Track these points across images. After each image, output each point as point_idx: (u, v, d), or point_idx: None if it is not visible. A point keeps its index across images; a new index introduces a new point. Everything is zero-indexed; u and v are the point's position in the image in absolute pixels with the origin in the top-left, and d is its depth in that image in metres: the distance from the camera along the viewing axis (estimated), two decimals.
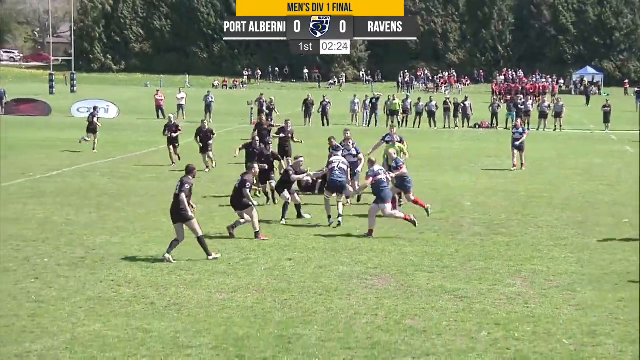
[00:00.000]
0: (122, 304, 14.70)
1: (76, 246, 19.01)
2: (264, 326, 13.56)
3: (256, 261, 17.90)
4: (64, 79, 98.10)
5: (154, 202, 24.80)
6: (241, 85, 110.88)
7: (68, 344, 12.56)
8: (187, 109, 58.97)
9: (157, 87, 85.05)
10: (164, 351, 12.34)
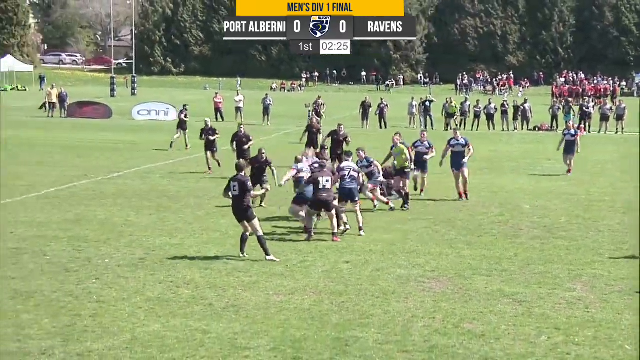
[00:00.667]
0: (181, 305, 14.81)
1: (136, 247, 19.21)
2: (321, 328, 13.57)
3: (313, 263, 17.92)
4: (125, 82, 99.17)
5: (212, 203, 24.96)
6: (299, 88, 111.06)
7: (128, 344, 12.68)
8: (246, 111, 59.26)
9: (216, 89, 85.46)
10: (222, 352, 12.41)
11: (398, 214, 23.80)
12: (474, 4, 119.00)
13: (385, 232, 21.29)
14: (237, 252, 18.55)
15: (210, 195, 26.41)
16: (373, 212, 23.60)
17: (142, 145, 40.45)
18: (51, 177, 29.74)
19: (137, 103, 65.04)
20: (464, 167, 25.76)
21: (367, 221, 22.38)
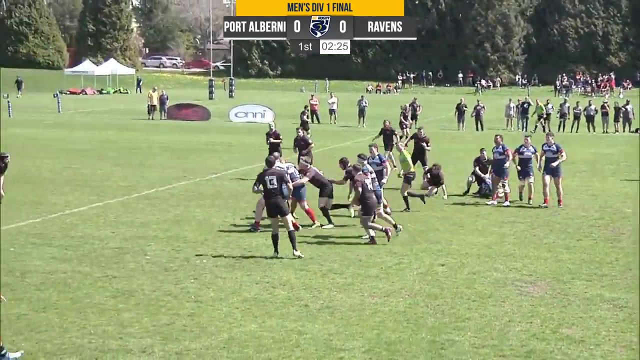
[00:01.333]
0: (276, 305, 14.92)
1: (233, 248, 19.41)
2: (417, 331, 13.51)
3: (408, 266, 17.86)
4: (223, 84, 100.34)
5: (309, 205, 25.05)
6: (395, 90, 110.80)
7: (225, 344, 12.83)
8: (341, 113, 59.38)
9: (312, 91, 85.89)
10: (317, 353, 12.45)
11: (495, 216, 23.53)
12: (574, 4, 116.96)
13: (481, 235, 21.08)
14: (333, 254, 18.60)
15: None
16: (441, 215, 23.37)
17: (239, 147, 40.85)
18: (151, 178, 30.29)
19: (234, 105, 65.75)
20: (557, 176, 24.92)
21: (462, 223, 22.24)
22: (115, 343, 12.75)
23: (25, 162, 33.72)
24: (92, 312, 14.26)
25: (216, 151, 40.05)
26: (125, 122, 57.26)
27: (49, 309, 14.44)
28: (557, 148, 25.11)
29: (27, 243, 19.31)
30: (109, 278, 16.50)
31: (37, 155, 36.53)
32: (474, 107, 55.85)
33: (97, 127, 52.61)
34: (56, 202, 24.91)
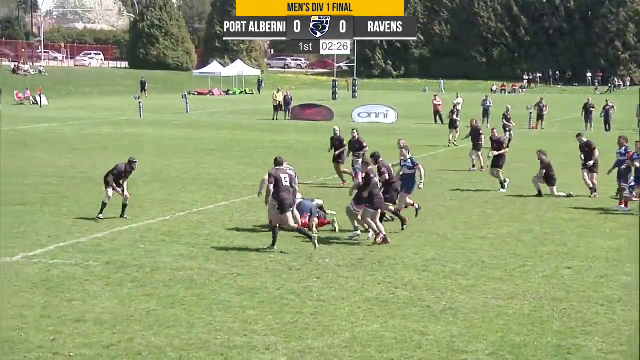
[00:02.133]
0: (399, 305, 14.88)
1: (355, 247, 19.44)
2: (542, 335, 13.27)
3: (533, 268, 17.56)
4: (347, 84, 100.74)
5: (430, 206, 24.94)
6: (520, 90, 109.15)
7: (347, 343, 12.86)
8: (465, 113, 58.76)
9: (436, 92, 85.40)
10: (440, 355, 12.36)
11: (624, 219, 22.94)
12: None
13: (609, 238, 20.58)
14: (456, 255, 18.47)
15: (428, 198, 26.39)
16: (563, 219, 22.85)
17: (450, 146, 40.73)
18: None
19: (357, 105, 65.82)
20: None
21: (590, 226, 21.77)
22: (240, 340, 12.93)
23: (156, 161, 34.59)
24: (218, 309, 14.50)
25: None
26: (250, 122, 58.08)
27: (177, 305, 14.75)
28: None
29: (156, 240, 19.78)
30: (234, 276, 16.74)
31: (166, 155, 37.40)
32: (602, 107, 54.55)
33: (223, 127, 53.52)
34: (184, 200, 25.45)
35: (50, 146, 40.64)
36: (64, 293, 15.38)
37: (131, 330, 13.31)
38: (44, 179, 29.63)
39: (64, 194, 26.27)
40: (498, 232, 21.41)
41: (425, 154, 39.02)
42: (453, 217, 23.35)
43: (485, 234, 21.04)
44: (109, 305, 14.66)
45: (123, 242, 19.53)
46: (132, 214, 22.65)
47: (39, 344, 12.64)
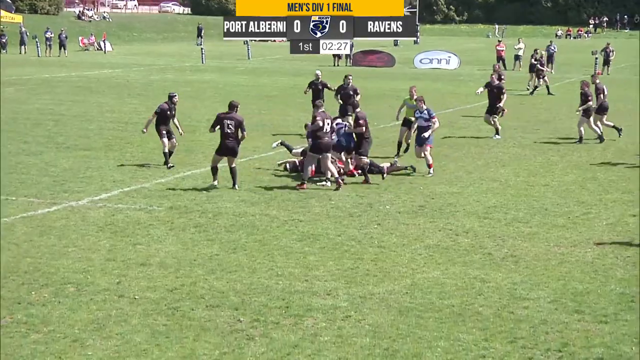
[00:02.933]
0: (459, 253, 14.84)
1: (416, 194, 19.39)
2: (605, 282, 13.15)
3: (597, 216, 17.37)
4: None
5: (492, 152, 24.76)
6: (586, 35, 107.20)
7: (408, 289, 12.88)
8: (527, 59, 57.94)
9: (499, 37, 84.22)
10: (501, 302, 12.32)
11: None
12: None
13: None
14: (518, 202, 18.33)
15: (490, 145, 26.18)
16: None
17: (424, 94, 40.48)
18: None
19: (419, 52, 65.31)
20: None
21: None
22: (301, 285, 13.02)
23: (218, 107, 34.64)
24: (279, 254, 14.60)
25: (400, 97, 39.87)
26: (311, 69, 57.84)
27: (239, 250, 14.88)
28: None
29: (219, 185, 19.90)
30: (295, 222, 16.82)
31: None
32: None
33: (285, 74, 53.45)
34: (245, 146, 25.48)
35: (115, 92, 41.00)
36: (128, 237, 15.60)
37: (194, 274, 13.48)
38: (108, 124, 29.96)
39: (128, 140, 26.54)
40: (562, 179, 21.18)
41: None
42: (516, 164, 23.13)
43: (549, 181, 20.83)
44: (172, 249, 14.85)
45: (186, 188, 19.71)
46: (195, 160, 22.84)
47: (105, 287, 12.86)
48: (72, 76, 49.23)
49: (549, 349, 10.67)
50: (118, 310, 11.89)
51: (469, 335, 11.05)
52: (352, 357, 10.37)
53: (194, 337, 10.95)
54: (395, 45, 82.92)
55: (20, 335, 11.01)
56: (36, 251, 14.63)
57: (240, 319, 11.56)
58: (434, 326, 11.36)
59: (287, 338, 10.95)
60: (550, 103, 38.21)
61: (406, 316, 11.72)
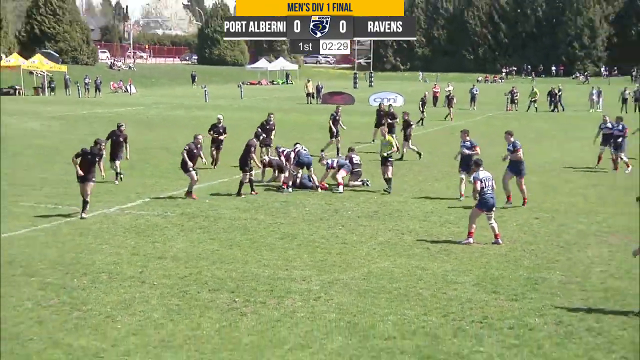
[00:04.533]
0: (405, 247, 14.86)
1: (371, 203, 19.40)
2: (515, 270, 13.23)
3: (509, 218, 17.46)
4: (364, 76, 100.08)
5: (429, 171, 24.83)
6: (499, 80, 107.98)
7: (365, 276, 12.88)
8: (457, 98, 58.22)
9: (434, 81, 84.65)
10: (436, 285, 12.36)
11: (583, 180, 22.71)
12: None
13: (569, 196, 20.39)
14: (450, 210, 18.37)
15: (425, 166, 26.27)
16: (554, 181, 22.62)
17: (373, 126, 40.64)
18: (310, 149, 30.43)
19: (373, 92, 65.49)
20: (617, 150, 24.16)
21: (555, 186, 21.55)
22: (283, 273, 12.99)
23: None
24: (266, 250, 14.57)
25: (358, 128, 40.00)
26: (290, 106, 57.88)
27: (234, 246, 14.83)
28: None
29: (218, 197, 19.81)
30: (278, 224, 16.78)
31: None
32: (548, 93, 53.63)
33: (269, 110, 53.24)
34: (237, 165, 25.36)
35: (138, 125, 40.79)
36: (148, 237, 15.51)
37: (199, 265, 13.42)
38: (132, 150, 29.70)
39: (147, 161, 26.41)
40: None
41: (423, 131, 38.77)
42: (447, 179, 23.22)
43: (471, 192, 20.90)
44: (182, 246, 14.77)
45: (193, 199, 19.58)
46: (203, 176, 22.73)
47: (131, 275, 12.78)
48: (104, 113, 48.92)
49: (473, 320, 10.72)
50: (141, 293, 11.81)
51: (412, 311, 11.08)
52: (322, 329, 10.37)
53: (200, 314, 10.90)
54: (355, 87, 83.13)
55: (65, 312, 10.91)
56: (77, 248, 14.52)
57: (235, 299, 11.53)
58: (385, 304, 11.38)
59: (272, 314, 10.92)
60: (474, 131, 38.31)
61: (364, 297, 11.72)
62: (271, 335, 10.13)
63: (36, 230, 15.82)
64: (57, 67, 72.53)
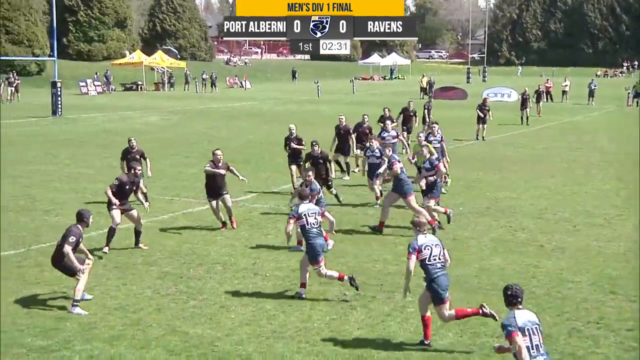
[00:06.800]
0: (517, 245, 14.54)
1: (483, 199, 19.08)
2: (634, 270, 12.70)
3: (628, 217, 16.78)
4: (478, 71, 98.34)
5: (543, 167, 24.18)
6: (620, 75, 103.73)
7: (476, 273, 12.70)
8: (573, 93, 56.39)
9: (549, 76, 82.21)
10: (550, 284, 12.04)
11: None
12: None
13: None
14: (565, 205, 17.84)
15: (539, 161, 25.59)
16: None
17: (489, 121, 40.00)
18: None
19: (486, 87, 64.27)
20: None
21: None
22: (393, 268, 12.96)
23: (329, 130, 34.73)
24: (376, 244, 14.56)
25: (471, 123, 39.30)
26: (401, 100, 57.52)
27: (345, 240, 14.86)
28: None
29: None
30: (388, 219, 16.67)
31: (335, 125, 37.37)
32: None
33: (380, 104, 53.15)
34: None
35: (252, 119, 41.63)
36: (261, 229, 15.80)
37: None
38: (247, 143, 30.41)
39: (262, 155, 26.87)
40: (600, 187, 20.55)
41: (540, 126, 37.75)
42: (563, 175, 22.56)
43: (589, 189, 20.26)
44: (294, 238, 14.93)
45: None
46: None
47: (244, 266, 13.06)
48: (220, 107, 50.17)
49: (589, 321, 10.38)
50: (254, 285, 12.06)
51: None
52: (432, 324, 10.26)
53: (310, 306, 11.02)
54: (468, 82, 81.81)
55: (182, 301, 11.27)
56: (193, 239, 14.97)
57: (346, 293, 11.58)
58: (496, 302, 11.13)
59: (382, 308, 10.92)
60: (591, 126, 37.07)
61: (475, 294, 11.55)
62: (381, 330, 10.13)
63: (155, 221, 16.38)
64: (176, 64, 74.94)
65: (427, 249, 9.59)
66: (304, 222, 11.27)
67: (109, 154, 25.60)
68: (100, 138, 31.66)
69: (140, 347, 9.47)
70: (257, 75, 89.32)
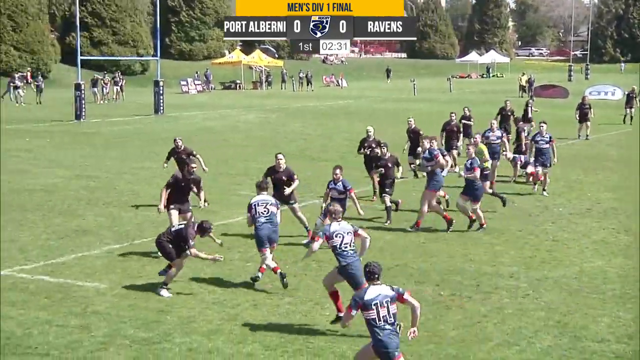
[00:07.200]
0: (620, 247, 14.14)
1: (584, 200, 18.54)
2: None
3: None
4: (580, 69, 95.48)
5: None
6: None
7: (577, 274, 12.37)
8: None
9: None
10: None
11: None
12: None
13: None
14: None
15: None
16: None
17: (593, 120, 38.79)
18: None
19: (589, 85, 62.34)
20: None
21: None
22: (489, 268, 12.78)
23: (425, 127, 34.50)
24: (471, 244, 14.40)
25: (573, 122, 38.18)
26: (498, 99, 56.47)
27: (440, 240, 14.80)
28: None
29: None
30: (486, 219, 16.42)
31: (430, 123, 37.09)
32: None
33: (477, 103, 52.37)
34: None
35: (348, 117, 41.73)
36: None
37: (405, 257, 13.53)
38: (342, 141, 30.47)
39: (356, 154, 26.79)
40: None
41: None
42: None
43: None
44: (389, 237, 14.90)
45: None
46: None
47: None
48: (317, 105, 50.54)
49: None
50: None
51: (628, 314, 10.48)
52: (529, 327, 10.08)
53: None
54: (569, 80, 79.55)
55: (277, 297, 11.43)
56: (290, 235, 15.08)
57: (441, 293, 11.49)
58: (598, 305, 10.85)
59: (478, 309, 10.78)
60: None
61: (575, 296, 11.25)
62: (477, 331, 10.00)
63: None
64: (274, 62, 75.97)
65: (338, 237, 9.94)
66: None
67: (210, 153, 26.16)
68: (201, 135, 32.45)
69: (237, 342, 9.66)
70: (353, 74, 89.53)
